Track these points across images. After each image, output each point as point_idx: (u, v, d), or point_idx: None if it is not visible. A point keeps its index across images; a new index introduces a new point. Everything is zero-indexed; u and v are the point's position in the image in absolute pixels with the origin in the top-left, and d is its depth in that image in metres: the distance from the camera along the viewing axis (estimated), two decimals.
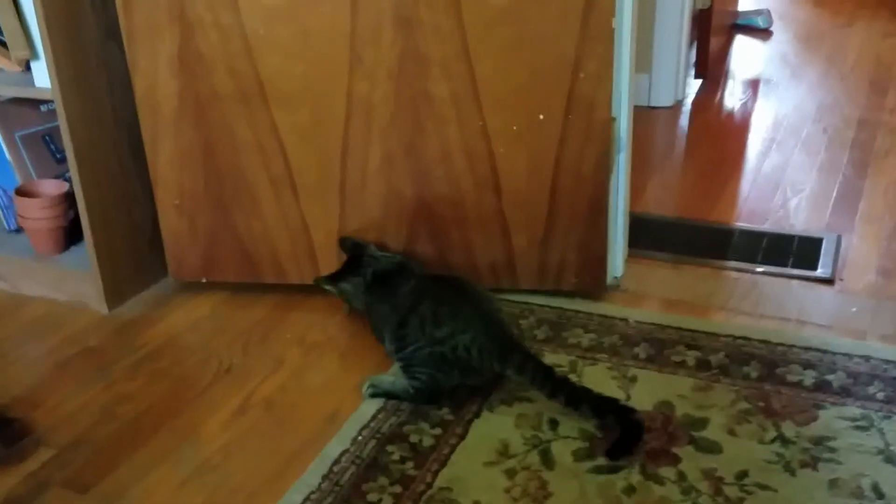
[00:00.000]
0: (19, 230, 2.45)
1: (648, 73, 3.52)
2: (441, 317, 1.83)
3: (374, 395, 1.89)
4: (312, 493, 1.65)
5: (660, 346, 2.04)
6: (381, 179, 2.15)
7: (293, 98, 2.09)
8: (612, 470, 1.68)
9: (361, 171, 2.15)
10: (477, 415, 1.84)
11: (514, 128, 2.05)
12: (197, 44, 2.05)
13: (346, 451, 1.76)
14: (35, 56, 2.13)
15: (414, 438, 1.78)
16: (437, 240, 2.19)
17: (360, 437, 1.79)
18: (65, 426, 1.88)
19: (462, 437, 1.78)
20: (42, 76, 2.12)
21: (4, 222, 2.49)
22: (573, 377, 1.93)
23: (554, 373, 1.79)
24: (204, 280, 2.32)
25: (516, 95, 2.03)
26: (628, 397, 1.87)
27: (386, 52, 2.01)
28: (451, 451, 1.74)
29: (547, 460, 1.71)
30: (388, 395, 1.89)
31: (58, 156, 2.49)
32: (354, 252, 2.11)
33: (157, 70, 2.09)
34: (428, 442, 1.77)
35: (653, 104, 3.57)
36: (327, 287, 2.11)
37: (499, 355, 1.80)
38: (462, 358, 1.81)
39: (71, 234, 2.37)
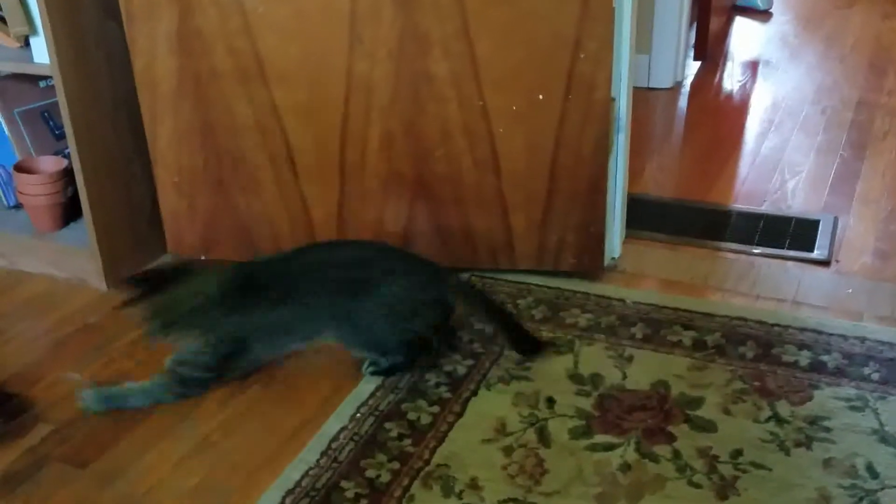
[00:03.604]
0: (18, 206, 2.45)
1: (648, 53, 3.52)
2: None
3: (374, 374, 1.91)
4: (311, 469, 1.67)
5: (656, 326, 2.05)
6: (381, 159, 2.15)
7: (293, 77, 2.09)
8: (608, 447, 1.69)
9: (361, 150, 2.14)
10: (474, 393, 1.85)
11: (514, 108, 2.05)
12: (196, 22, 2.04)
13: (344, 428, 1.77)
14: (34, 32, 2.13)
15: (412, 416, 1.80)
16: (436, 220, 2.19)
17: (358, 415, 1.80)
18: (64, 402, 1.88)
19: (460, 414, 1.79)
20: (41, 52, 2.11)
21: (4, 198, 2.49)
22: (570, 357, 1.94)
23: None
24: (203, 258, 2.32)
25: (516, 75, 2.03)
26: (625, 376, 1.88)
27: (386, 31, 2.01)
28: (449, 429, 1.75)
29: (544, 438, 1.72)
30: (387, 371, 1.91)
31: (56, 132, 2.48)
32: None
33: (156, 48, 2.08)
34: (426, 419, 1.78)
35: (652, 85, 3.57)
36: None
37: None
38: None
39: (70, 211, 2.37)
